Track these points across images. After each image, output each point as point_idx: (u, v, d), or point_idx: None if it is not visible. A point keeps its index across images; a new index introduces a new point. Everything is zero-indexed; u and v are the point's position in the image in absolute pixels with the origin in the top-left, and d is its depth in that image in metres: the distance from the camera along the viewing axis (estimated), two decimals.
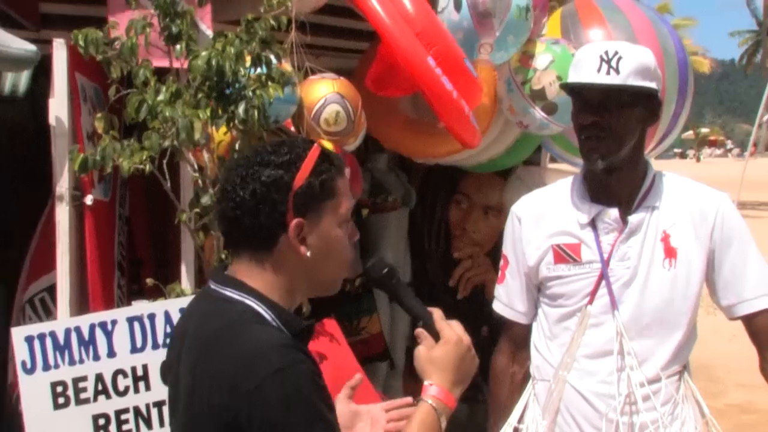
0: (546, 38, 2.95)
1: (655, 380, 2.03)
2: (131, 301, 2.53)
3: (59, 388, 2.23)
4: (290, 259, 1.38)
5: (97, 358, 2.27)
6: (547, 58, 2.83)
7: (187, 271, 2.55)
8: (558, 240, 2.10)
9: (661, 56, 2.86)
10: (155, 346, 2.30)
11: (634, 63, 1.96)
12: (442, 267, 3.70)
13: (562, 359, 2.09)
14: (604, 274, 2.03)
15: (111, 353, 2.28)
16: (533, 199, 2.22)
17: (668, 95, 2.96)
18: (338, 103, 2.62)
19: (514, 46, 2.80)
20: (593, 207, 2.07)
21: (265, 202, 1.35)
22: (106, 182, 2.75)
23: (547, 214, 2.14)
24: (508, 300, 2.25)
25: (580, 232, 2.08)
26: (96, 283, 2.58)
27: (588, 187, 2.11)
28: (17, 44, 2.36)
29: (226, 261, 1.99)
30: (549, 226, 2.12)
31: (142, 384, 2.30)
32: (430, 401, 1.42)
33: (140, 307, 2.36)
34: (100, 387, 2.27)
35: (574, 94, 2.07)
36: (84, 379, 2.25)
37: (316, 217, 1.39)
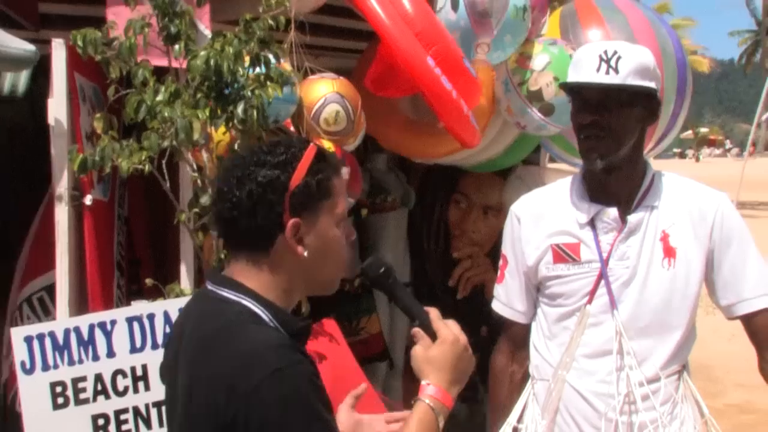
0: (543, 39, 2.95)
1: (654, 380, 2.03)
2: (130, 301, 2.53)
3: (58, 389, 2.23)
4: (287, 259, 1.38)
5: (96, 358, 2.27)
6: (544, 59, 2.83)
7: (186, 271, 2.55)
8: (557, 239, 2.10)
9: (659, 56, 2.86)
10: (154, 346, 2.30)
11: (633, 63, 1.96)
12: (442, 267, 3.70)
13: (561, 359, 2.09)
14: (603, 274, 2.03)
15: (110, 353, 2.28)
16: (532, 199, 2.22)
17: (667, 95, 2.96)
18: (338, 102, 2.62)
19: (512, 46, 2.80)
20: (592, 206, 2.07)
21: (261, 203, 1.35)
22: (105, 182, 2.75)
23: (546, 214, 2.14)
24: (507, 299, 2.25)
25: (579, 232, 2.08)
26: (95, 284, 2.58)
27: (587, 186, 2.11)
28: (16, 44, 2.36)
29: (225, 261, 1.99)
30: (548, 225, 2.12)
31: (141, 384, 2.30)
32: (428, 401, 1.42)
33: (139, 307, 2.36)
34: (99, 387, 2.27)
35: (573, 94, 2.06)
36: (83, 379, 2.25)
37: (313, 217, 1.38)
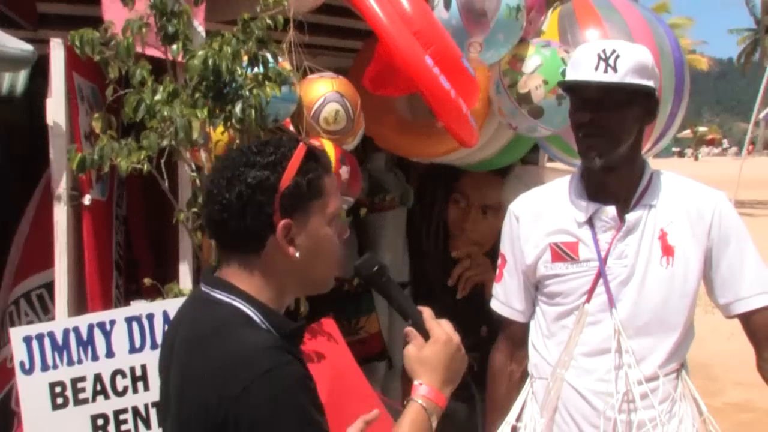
0: (537, 41, 2.94)
1: (652, 378, 2.03)
2: (129, 301, 2.52)
3: (58, 389, 2.23)
4: (279, 260, 1.37)
5: (95, 358, 2.26)
6: (535, 62, 2.82)
7: (185, 271, 2.55)
8: (556, 238, 2.10)
9: (657, 56, 2.86)
10: (154, 346, 2.30)
11: (631, 61, 1.96)
12: (441, 266, 3.69)
13: (559, 357, 2.10)
14: (601, 272, 2.04)
15: (109, 353, 2.28)
16: (531, 198, 2.22)
17: (664, 95, 2.95)
18: (337, 101, 2.62)
19: (505, 46, 2.79)
20: (591, 205, 2.07)
21: (251, 204, 1.34)
22: (103, 182, 2.75)
23: (544, 213, 2.14)
24: (505, 298, 2.25)
25: (577, 231, 2.08)
26: (94, 283, 2.58)
27: (585, 185, 2.11)
28: (14, 44, 2.36)
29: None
30: (547, 224, 2.12)
31: (140, 384, 2.30)
32: (420, 401, 1.42)
33: (139, 307, 2.35)
34: (98, 387, 2.26)
35: (571, 92, 2.07)
36: (83, 379, 2.25)
37: (304, 217, 1.37)
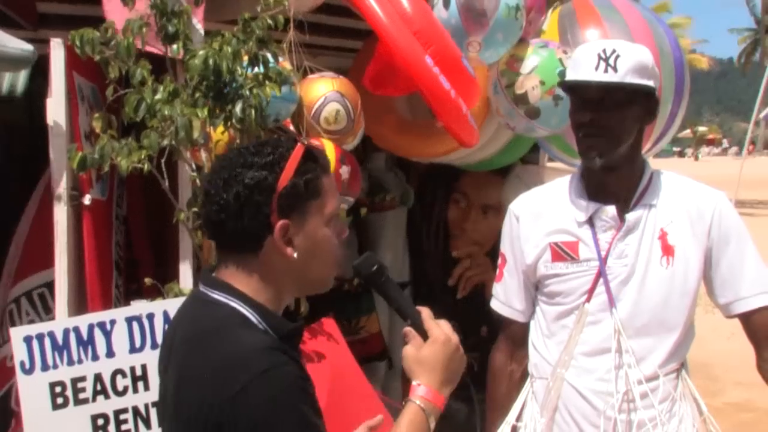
0: (536, 41, 2.94)
1: (652, 378, 2.03)
2: (129, 301, 2.52)
3: (58, 389, 2.23)
4: (277, 260, 1.37)
5: (95, 358, 2.26)
6: (533, 63, 2.82)
7: (185, 270, 2.55)
8: (556, 238, 2.10)
9: (657, 55, 2.86)
10: (154, 346, 2.29)
11: (631, 61, 1.96)
12: (441, 266, 3.69)
13: (560, 357, 2.10)
14: (601, 272, 2.04)
15: (110, 353, 2.28)
16: (531, 198, 2.22)
17: (664, 94, 2.95)
18: (338, 101, 2.62)
19: (504, 45, 2.78)
20: (591, 205, 2.07)
21: (248, 205, 1.33)
22: (103, 182, 2.75)
23: (544, 212, 2.14)
24: (506, 298, 2.25)
25: (577, 230, 2.08)
26: (94, 283, 2.57)
27: (585, 185, 2.11)
28: (14, 44, 2.36)
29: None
30: (547, 224, 2.12)
31: (141, 384, 2.30)
32: (418, 402, 1.41)
33: (139, 307, 2.35)
34: (98, 387, 2.26)
35: (572, 92, 2.07)
36: (83, 379, 2.25)
37: (302, 218, 1.37)
